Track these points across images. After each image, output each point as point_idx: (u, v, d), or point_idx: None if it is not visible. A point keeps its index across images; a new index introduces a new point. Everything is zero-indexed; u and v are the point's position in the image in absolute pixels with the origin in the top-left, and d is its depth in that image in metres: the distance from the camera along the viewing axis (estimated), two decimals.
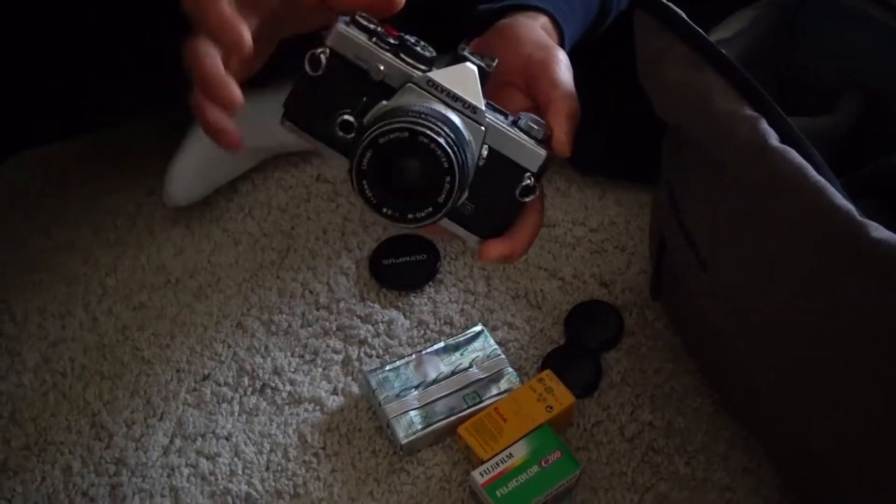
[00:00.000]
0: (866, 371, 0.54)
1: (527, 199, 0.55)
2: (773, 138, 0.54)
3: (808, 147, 0.53)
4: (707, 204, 0.62)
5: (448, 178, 0.50)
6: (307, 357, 0.82)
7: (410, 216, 0.51)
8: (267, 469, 0.76)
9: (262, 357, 0.83)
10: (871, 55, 0.67)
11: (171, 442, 0.77)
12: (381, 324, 0.84)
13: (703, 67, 0.58)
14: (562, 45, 0.70)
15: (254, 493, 0.74)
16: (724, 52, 0.57)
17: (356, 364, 0.81)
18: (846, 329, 0.54)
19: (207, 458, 0.76)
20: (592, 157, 0.93)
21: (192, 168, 0.91)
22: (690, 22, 0.59)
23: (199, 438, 0.77)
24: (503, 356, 0.79)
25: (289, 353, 0.83)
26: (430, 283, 0.86)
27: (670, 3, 0.61)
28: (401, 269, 0.87)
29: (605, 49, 0.84)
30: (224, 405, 0.80)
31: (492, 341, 0.80)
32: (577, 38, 0.74)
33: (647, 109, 0.68)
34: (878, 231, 0.49)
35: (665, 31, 0.61)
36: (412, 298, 0.86)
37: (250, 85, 0.93)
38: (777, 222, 0.55)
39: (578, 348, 0.81)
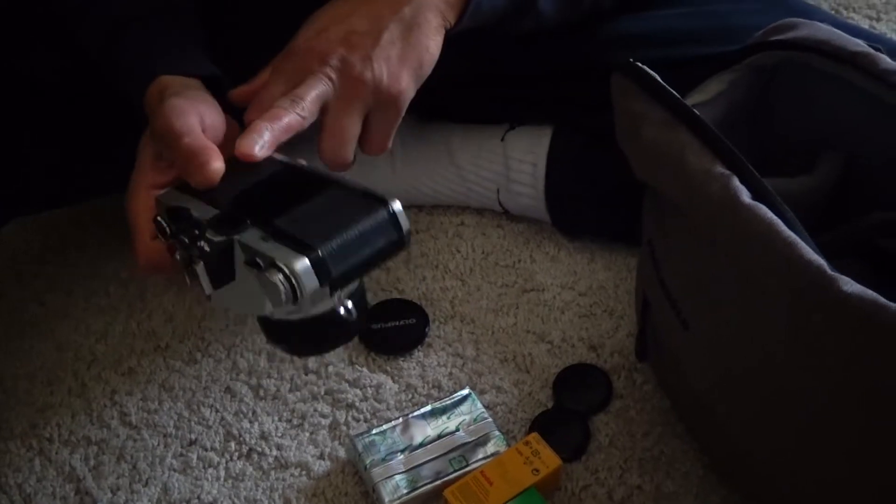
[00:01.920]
0: (851, 430, 0.54)
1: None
2: (745, 195, 0.55)
3: (780, 204, 0.54)
4: (685, 263, 0.63)
5: None
6: (295, 421, 0.82)
7: None
8: None
9: (250, 421, 0.82)
10: (846, 117, 0.68)
11: None
12: (369, 388, 0.84)
13: (678, 127, 0.59)
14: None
15: None
16: (696, 112, 0.58)
17: (343, 428, 0.81)
18: (825, 386, 0.54)
19: None
20: (581, 220, 0.94)
21: None
22: (665, 84, 0.61)
23: None
24: (490, 419, 0.79)
25: (276, 418, 0.82)
26: (419, 347, 0.86)
27: (646, 68, 0.62)
28: (389, 334, 0.87)
29: (591, 113, 0.85)
30: (210, 470, 0.79)
31: (479, 405, 0.80)
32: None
33: (632, 172, 0.69)
34: (850, 285, 0.50)
35: (641, 93, 0.62)
36: (400, 362, 0.86)
37: None
38: (751, 279, 0.55)
39: (566, 412, 0.80)
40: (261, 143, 0.63)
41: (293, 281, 0.53)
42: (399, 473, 0.75)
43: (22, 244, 1.01)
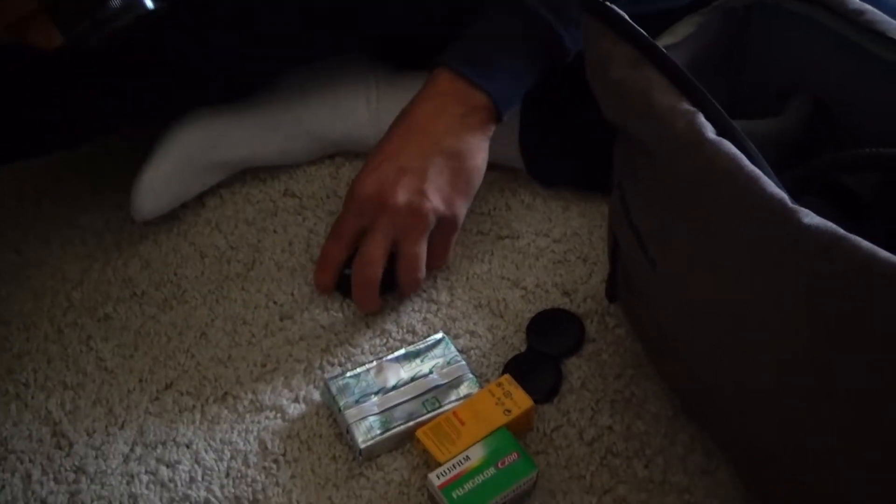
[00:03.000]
0: (811, 365, 0.55)
1: None
2: (710, 131, 0.55)
3: (744, 139, 0.55)
4: (653, 203, 0.63)
5: None
6: (269, 366, 0.83)
7: None
8: (227, 476, 0.76)
9: (225, 366, 0.83)
10: (817, 60, 0.68)
11: (132, 450, 0.77)
12: (343, 333, 0.84)
13: (645, 66, 0.59)
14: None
15: (213, 500, 0.74)
16: (663, 49, 0.59)
17: (318, 372, 0.82)
18: (785, 320, 0.54)
19: (167, 466, 0.76)
20: (555, 169, 0.94)
21: (160, 182, 0.92)
22: (632, 22, 0.61)
23: (160, 446, 0.78)
24: (463, 362, 0.79)
25: (251, 363, 0.83)
26: (392, 292, 0.87)
27: (614, 7, 0.62)
28: None
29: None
30: (186, 414, 0.80)
31: (452, 348, 0.80)
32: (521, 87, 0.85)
33: (603, 115, 0.69)
34: (810, 217, 0.50)
35: (609, 32, 0.62)
36: None
37: (220, 99, 0.96)
38: (715, 215, 0.56)
39: (539, 355, 0.81)
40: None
41: None
42: (373, 415, 0.76)
43: None
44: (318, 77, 0.98)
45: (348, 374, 0.78)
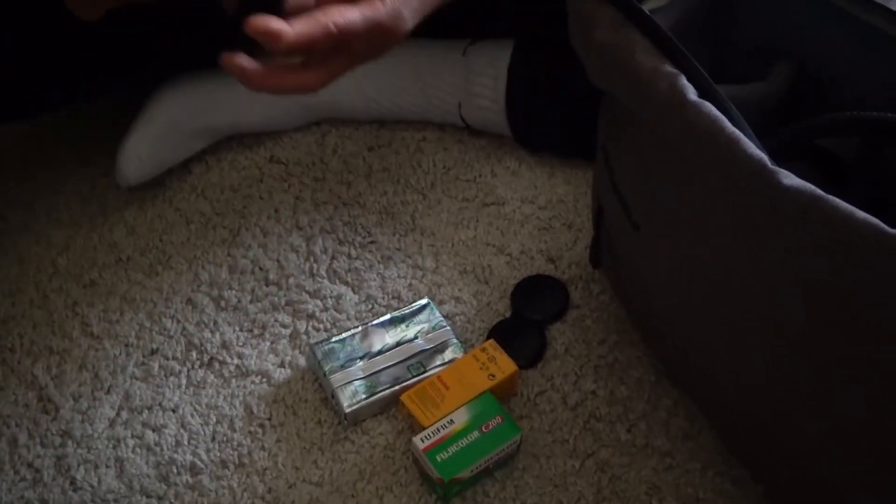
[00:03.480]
0: (789, 323, 0.55)
1: None
2: (692, 93, 0.55)
3: (725, 101, 0.55)
4: (636, 165, 0.63)
5: None
6: (255, 331, 0.83)
7: None
8: (213, 440, 0.76)
9: (211, 332, 0.83)
10: (802, 25, 0.68)
11: (118, 414, 0.78)
12: (329, 299, 0.85)
13: (628, 28, 0.59)
14: None
15: (199, 463, 0.74)
16: (646, 11, 0.58)
17: (304, 338, 0.82)
18: (764, 280, 0.55)
19: (153, 430, 0.77)
20: (541, 135, 0.94)
21: (145, 148, 0.91)
22: None
23: (146, 411, 0.78)
24: (448, 328, 0.80)
25: (237, 328, 0.83)
26: (379, 259, 0.87)
27: None
28: None
29: (551, 26, 0.85)
30: (171, 378, 0.80)
31: (437, 314, 0.81)
32: None
33: (588, 79, 0.69)
34: (789, 178, 0.51)
35: None
36: (361, 274, 0.86)
37: (205, 64, 0.95)
38: (696, 177, 0.56)
39: (524, 321, 0.82)
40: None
41: None
42: (358, 379, 0.76)
43: None
44: None
45: (333, 339, 0.79)
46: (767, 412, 0.61)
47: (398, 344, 0.78)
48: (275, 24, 0.62)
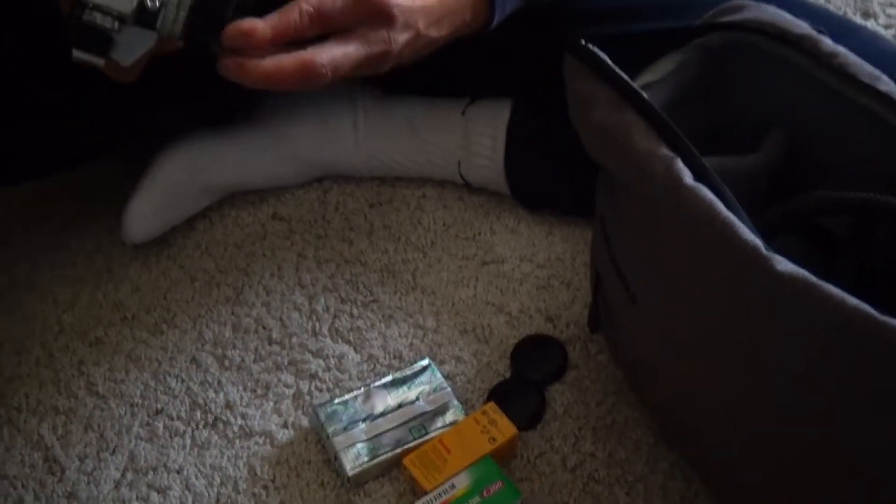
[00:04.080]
0: (781, 406, 0.57)
1: None
2: (688, 176, 0.57)
3: (720, 185, 0.56)
4: (633, 240, 0.65)
5: None
6: (259, 391, 0.84)
7: None
8: (217, 502, 0.77)
9: (215, 391, 0.84)
10: (791, 98, 0.70)
11: (123, 476, 0.79)
12: (332, 358, 0.86)
13: (625, 109, 0.61)
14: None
15: None
16: (643, 94, 0.60)
17: (307, 398, 0.83)
18: (759, 360, 0.56)
19: (158, 492, 0.78)
20: (540, 193, 0.96)
21: (150, 206, 0.93)
22: (613, 66, 0.63)
23: (151, 472, 0.79)
24: (449, 389, 0.81)
25: (241, 388, 0.84)
26: (381, 318, 0.88)
27: (595, 49, 0.64)
28: None
29: (550, 87, 0.87)
30: (176, 439, 0.81)
31: (438, 375, 0.82)
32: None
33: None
34: (783, 264, 0.52)
35: (590, 74, 0.64)
36: (363, 333, 0.88)
37: (208, 123, 0.97)
38: (692, 257, 0.58)
39: (523, 381, 0.83)
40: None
41: None
42: (360, 442, 0.77)
43: None
44: (306, 101, 0.99)
45: (336, 400, 0.80)
46: (757, 481, 0.63)
47: (400, 406, 0.80)
48: (244, 24, 0.64)
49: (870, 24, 1.17)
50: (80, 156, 0.93)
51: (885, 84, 0.63)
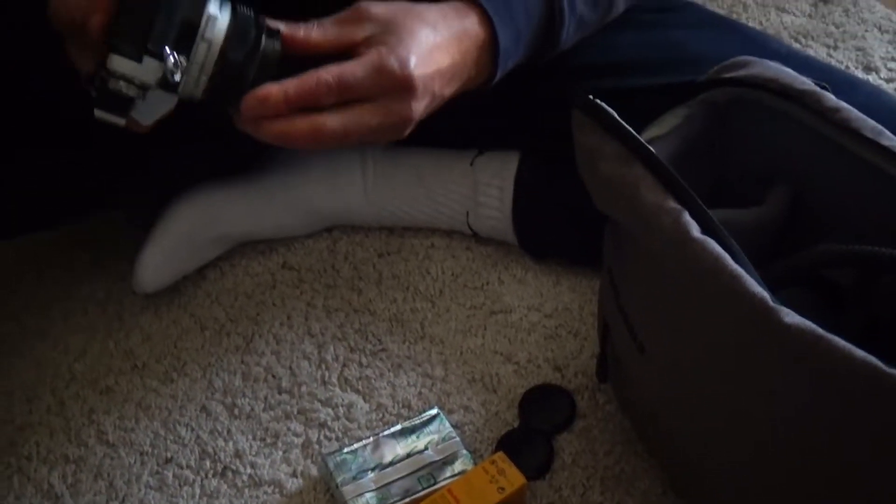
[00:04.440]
0: (793, 454, 0.57)
1: None
2: (695, 230, 0.58)
3: (727, 238, 0.57)
4: (641, 290, 0.66)
5: None
6: (268, 440, 0.84)
7: None
8: None
9: (225, 440, 0.85)
10: (794, 152, 0.71)
11: None
12: (341, 407, 0.86)
13: (632, 162, 0.62)
14: (495, 50, 0.75)
15: None
16: (650, 148, 0.62)
17: (316, 447, 0.84)
18: (769, 412, 0.57)
19: None
20: (547, 243, 0.97)
21: (161, 256, 0.94)
22: (620, 120, 0.64)
23: None
24: (458, 439, 0.81)
25: (250, 437, 0.85)
26: (390, 367, 0.89)
27: (602, 104, 0.66)
28: None
29: (557, 139, 0.88)
30: (185, 488, 0.81)
31: (447, 424, 0.82)
32: (520, 49, 0.78)
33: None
34: (790, 317, 0.53)
35: (598, 128, 0.65)
36: (372, 382, 0.88)
37: (217, 174, 0.98)
38: (700, 309, 0.58)
39: (532, 431, 0.83)
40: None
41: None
42: (369, 491, 0.77)
43: None
44: (316, 152, 1.00)
45: (345, 449, 0.80)
46: None
47: (409, 455, 0.80)
48: (260, 91, 0.66)
49: (871, 77, 1.19)
50: (87, 205, 0.95)
51: (888, 139, 0.64)
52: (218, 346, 0.92)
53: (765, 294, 0.54)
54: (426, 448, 0.81)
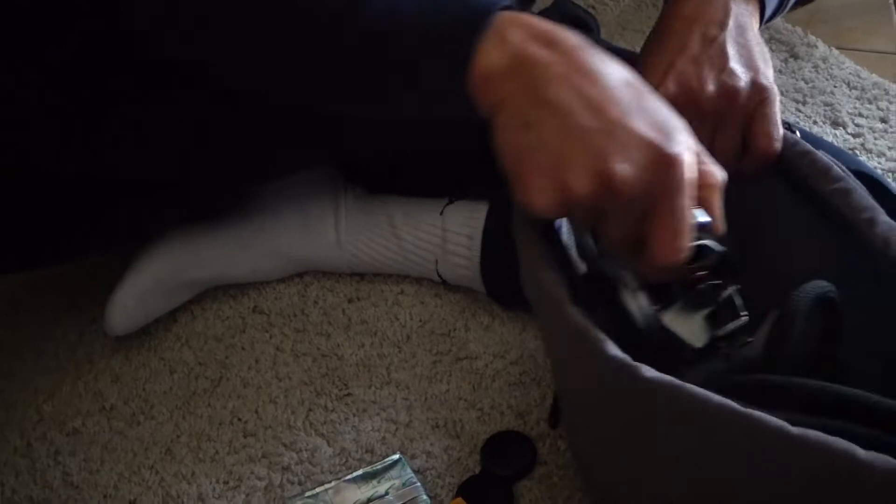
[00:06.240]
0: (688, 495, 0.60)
1: None
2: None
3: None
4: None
5: None
6: (232, 483, 0.85)
7: None
8: None
9: (188, 483, 0.85)
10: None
11: None
12: (304, 451, 0.87)
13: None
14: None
15: None
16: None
17: (278, 490, 0.84)
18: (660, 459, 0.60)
19: None
20: (515, 292, 0.98)
21: (133, 299, 0.95)
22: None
23: None
24: (419, 484, 0.82)
25: (214, 480, 0.85)
26: (354, 412, 0.90)
27: None
28: None
29: None
30: None
31: (409, 469, 0.83)
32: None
33: None
34: (650, 371, 0.56)
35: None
36: (337, 426, 0.89)
37: (191, 219, 1.00)
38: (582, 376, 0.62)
39: (492, 477, 0.84)
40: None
41: None
42: None
43: None
44: (289, 199, 1.02)
45: (307, 493, 0.81)
46: None
47: (369, 500, 0.81)
48: None
49: (839, 132, 1.22)
50: (66, 254, 0.96)
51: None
52: (186, 389, 0.93)
53: (625, 355, 0.58)
54: (387, 493, 0.81)
